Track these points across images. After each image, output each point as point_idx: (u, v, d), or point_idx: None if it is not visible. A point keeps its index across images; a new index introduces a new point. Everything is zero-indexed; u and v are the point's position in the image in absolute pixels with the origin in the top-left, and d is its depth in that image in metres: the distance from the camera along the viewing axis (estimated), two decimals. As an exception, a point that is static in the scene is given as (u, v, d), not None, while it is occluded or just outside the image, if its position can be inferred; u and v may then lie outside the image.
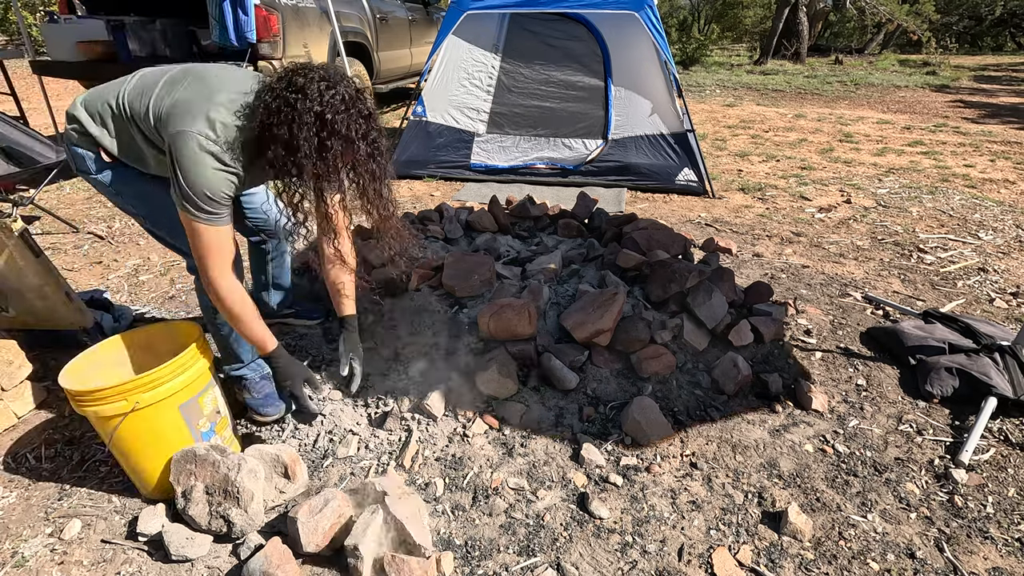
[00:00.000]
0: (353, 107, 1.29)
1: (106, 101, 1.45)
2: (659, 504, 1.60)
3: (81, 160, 1.50)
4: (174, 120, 1.32)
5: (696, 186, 4.29)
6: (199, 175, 1.30)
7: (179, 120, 1.31)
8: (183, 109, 1.32)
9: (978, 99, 8.97)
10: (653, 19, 3.80)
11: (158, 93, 1.39)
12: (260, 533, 1.47)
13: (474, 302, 2.17)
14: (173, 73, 1.44)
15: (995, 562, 1.46)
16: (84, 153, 1.48)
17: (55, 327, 2.21)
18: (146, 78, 1.47)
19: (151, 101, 1.39)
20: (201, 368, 1.53)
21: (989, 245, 3.44)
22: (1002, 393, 1.94)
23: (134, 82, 1.47)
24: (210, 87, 1.36)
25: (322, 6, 4.68)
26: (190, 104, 1.32)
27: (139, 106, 1.40)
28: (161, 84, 1.41)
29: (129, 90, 1.44)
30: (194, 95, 1.34)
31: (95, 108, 1.47)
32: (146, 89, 1.42)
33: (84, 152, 1.48)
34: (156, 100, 1.38)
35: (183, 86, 1.38)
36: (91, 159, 1.48)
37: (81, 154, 1.49)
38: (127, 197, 1.54)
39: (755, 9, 22.48)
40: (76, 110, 1.48)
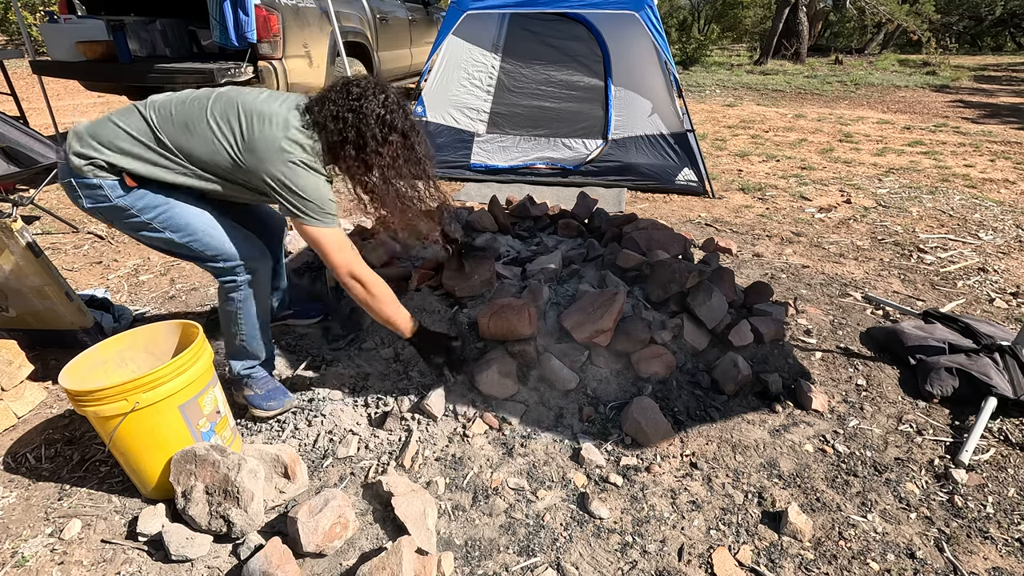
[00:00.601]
0: (400, 107, 1.53)
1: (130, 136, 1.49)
2: (659, 504, 1.60)
3: (98, 190, 1.50)
4: (268, 157, 1.47)
5: (696, 186, 4.29)
6: (317, 189, 1.50)
7: (275, 155, 1.46)
8: (271, 146, 1.46)
9: (978, 99, 8.97)
10: (653, 19, 3.80)
11: (217, 137, 1.48)
12: (260, 533, 1.47)
13: (474, 302, 2.17)
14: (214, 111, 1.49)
15: (995, 562, 1.46)
16: (104, 182, 1.50)
17: (55, 327, 2.21)
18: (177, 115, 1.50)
19: (212, 147, 1.49)
20: (201, 368, 1.53)
21: (989, 245, 3.44)
22: (1002, 393, 1.94)
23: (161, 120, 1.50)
24: (273, 119, 1.48)
25: (322, 6, 4.68)
26: (274, 139, 1.46)
27: (195, 150, 1.50)
28: (213, 127, 1.48)
29: (166, 129, 1.49)
30: (270, 130, 1.47)
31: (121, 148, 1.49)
32: (194, 131, 1.49)
33: (104, 181, 1.50)
34: (218, 145, 1.49)
35: (246, 125, 1.48)
36: (113, 186, 1.51)
37: (99, 184, 1.50)
38: (153, 215, 1.55)
39: (755, 9, 22.48)
40: (89, 148, 1.48)
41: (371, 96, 1.49)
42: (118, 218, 1.56)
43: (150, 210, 1.55)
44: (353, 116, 1.47)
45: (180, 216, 1.58)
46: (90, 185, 1.50)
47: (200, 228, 1.60)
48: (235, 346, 1.80)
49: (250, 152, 1.48)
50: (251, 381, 1.83)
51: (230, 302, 1.71)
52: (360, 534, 1.48)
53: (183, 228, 1.58)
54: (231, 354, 1.83)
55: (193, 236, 1.60)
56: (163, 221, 1.57)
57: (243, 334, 1.76)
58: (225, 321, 1.76)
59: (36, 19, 11.50)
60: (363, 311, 1.71)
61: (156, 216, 1.56)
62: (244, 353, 1.81)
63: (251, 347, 1.80)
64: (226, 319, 1.75)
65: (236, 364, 1.83)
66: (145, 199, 1.54)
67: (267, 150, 1.46)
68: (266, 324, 1.80)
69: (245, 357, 1.82)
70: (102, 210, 1.55)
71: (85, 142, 1.49)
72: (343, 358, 2.11)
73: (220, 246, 1.62)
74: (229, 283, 1.67)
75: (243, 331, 1.76)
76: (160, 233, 1.58)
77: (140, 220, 1.56)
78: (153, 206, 1.55)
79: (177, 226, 1.58)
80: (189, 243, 1.60)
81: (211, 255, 1.62)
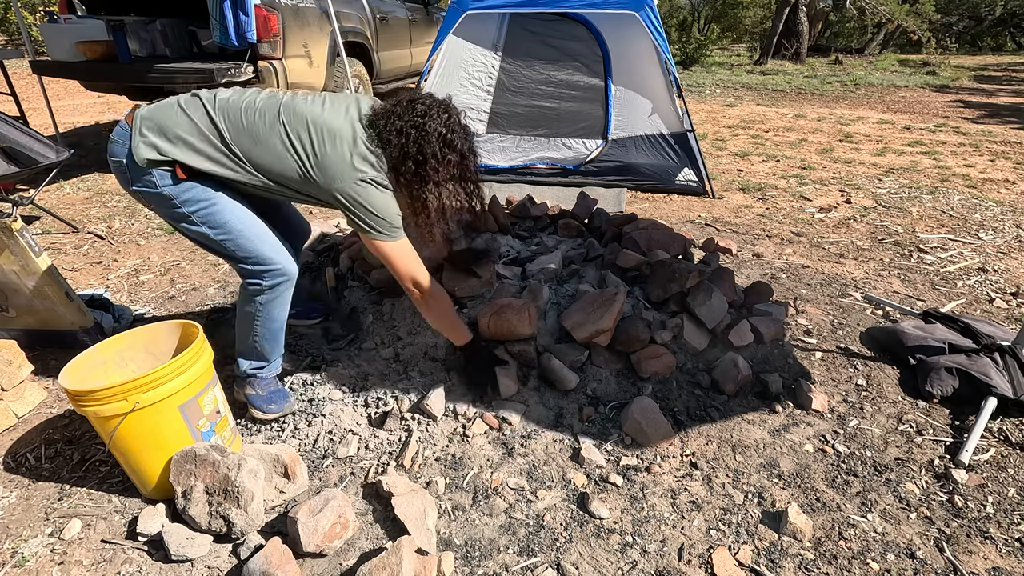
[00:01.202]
0: (461, 128, 1.58)
1: (201, 135, 1.52)
2: (659, 504, 1.60)
3: (147, 176, 1.53)
4: (338, 177, 1.51)
5: (696, 186, 4.29)
6: (387, 206, 1.55)
7: (347, 175, 1.50)
8: (342, 165, 1.50)
9: (978, 99, 8.97)
10: (653, 19, 3.79)
11: (289, 153, 1.52)
12: (260, 533, 1.47)
13: (474, 302, 2.17)
14: (285, 126, 1.52)
15: (995, 562, 1.46)
16: (159, 172, 1.53)
17: (55, 327, 2.21)
18: (247, 124, 1.53)
19: (283, 162, 1.52)
20: (201, 368, 1.53)
21: (989, 245, 3.44)
22: (1002, 393, 1.94)
23: (228, 123, 1.53)
24: (344, 136, 1.52)
25: (322, 6, 4.68)
26: (345, 159, 1.51)
27: (264, 161, 1.54)
28: (285, 142, 1.52)
29: (235, 137, 1.52)
30: (340, 149, 1.51)
31: (182, 138, 1.52)
32: (262, 143, 1.52)
33: (155, 170, 1.52)
34: (290, 160, 1.52)
35: (316, 143, 1.51)
36: (163, 175, 1.53)
37: (153, 172, 1.52)
38: (195, 208, 1.57)
39: (755, 9, 22.48)
40: (152, 135, 1.51)
41: (435, 115, 1.53)
42: (160, 205, 1.59)
43: (193, 203, 1.57)
44: (416, 132, 1.51)
45: (221, 214, 1.60)
46: (140, 170, 1.52)
47: (237, 229, 1.62)
48: (247, 345, 1.80)
49: (322, 171, 1.52)
50: (255, 381, 1.84)
51: (251, 303, 1.71)
52: (360, 534, 1.48)
53: (221, 227, 1.61)
54: (241, 352, 1.83)
55: (229, 236, 1.62)
56: (203, 216, 1.59)
57: (257, 336, 1.77)
58: (242, 321, 1.76)
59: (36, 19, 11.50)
60: (363, 311, 1.72)
61: (197, 210, 1.58)
62: (254, 353, 1.81)
63: (263, 349, 1.81)
64: (244, 319, 1.76)
65: (244, 363, 1.83)
66: (191, 192, 1.56)
67: (339, 170, 1.51)
68: (282, 329, 1.81)
69: (255, 357, 1.82)
70: (147, 195, 1.57)
71: (148, 128, 1.52)
72: (343, 358, 2.11)
73: (254, 249, 1.64)
74: (254, 286, 1.69)
75: (258, 334, 1.76)
76: (198, 227, 1.60)
77: (181, 212, 1.58)
78: (197, 200, 1.57)
79: (216, 223, 1.60)
80: (223, 241, 1.62)
81: (242, 256, 1.65)
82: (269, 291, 1.70)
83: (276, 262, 1.67)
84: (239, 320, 1.78)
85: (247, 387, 1.84)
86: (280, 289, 1.71)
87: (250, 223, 1.65)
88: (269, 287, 1.69)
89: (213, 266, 3.07)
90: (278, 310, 1.74)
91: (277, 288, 1.70)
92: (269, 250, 1.67)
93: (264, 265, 1.66)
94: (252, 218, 1.66)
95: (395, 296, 2.27)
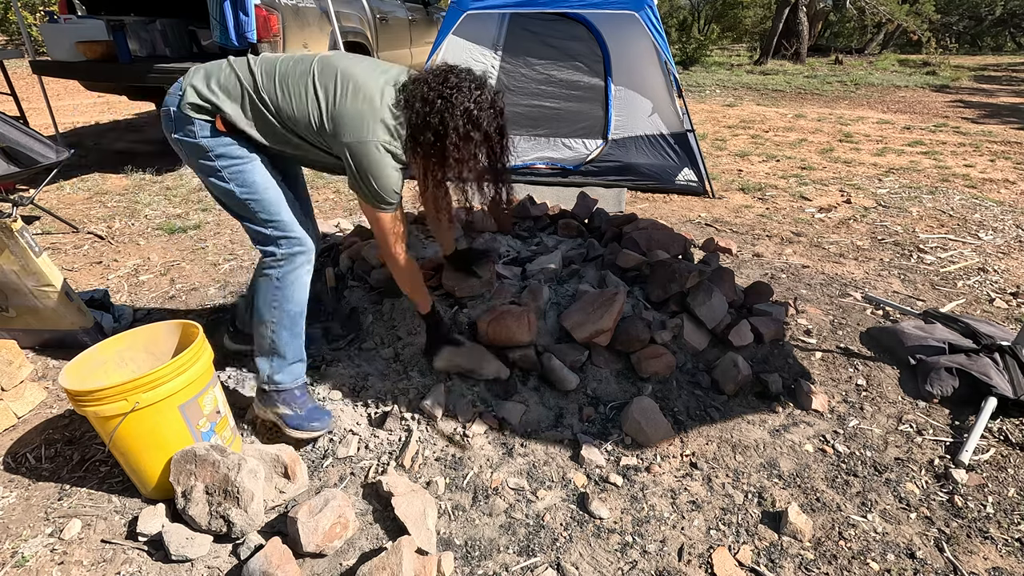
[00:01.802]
0: (492, 108, 1.51)
1: (239, 85, 1.54)
2: (659, 504, 1.60)
3: (190, 126, 1.54)
4: (350, 131, 1.48)
5: (696, 186, 4.28)
6: (387, 176, 1.51)
7: (356, 130, 1.47)
8: (357, 120, 1.47)
9: (978, 99, 8.97)
10: (653, 19, 3.79)
11: (309, 98, 1.50)
12: (260, 533, 1.47)
13: (474, 302, 2.17)
14: (315, 73, 1.52)
15: (995, 562, 1.46)
16: (197, 120, 1.53)
17: (55, 327, 2.21)
18: (280, 72, 1.54)
19: (304, 106, 1.51)
20: (201, 368, 1.53)
21: (989, 245, 3.44)
22: (1002, 393, 1.94)
23: (264, 73, 1.54)
24: (368, 93, 1.49)
25: (322, 6, 4.68)
26: (362, 115, 1.47)
27: (286, 106, 1.52)
28: (308, 87, 1.51)
29: (266, 84, 1.53)
30: (360, 104, 1.48)
31: (222, 85, 1.54)
32: (289, 88, 1.52)
33: (198, 119, 1.53)
34: (310, 106, 1.50)
35: (339, 93, 1.49)
36: (203, 126, 1.54)
37: (195, 120, 1.53)
38: (227, 163, 1.58)
39: (755, 9, 22.47)
40: (202, 83, 1.54)
41: (465, 88, 1.47)
42: (195, 155, 1.58)
43: (226, 159, 1.57)
44: (442, 103, 1.45)
45: (250, 174, 1.60)
46: (184, 119, 1.53)
47: (263, 190, 1.61)
48: (264, 339, 1.69)
49: (335, 120, 1.49)
50: (288, 397, 1.71)
51: (267, 283, 1.65)
52: (360, 534, 1.48)
53: (249, 185, 1.60)
54: (259, 349, 1.72)
55: (255, 196, 1.60)
56: (233, 173, 1.58)
57: (275, 322, 1.67)
58: (260, 310, 1.68)
59: (36, 19, 11.50)
60: (363, 311, 1.71)
61: (229, 166, 1.57)
62: (272, 349, 1.69)
63: (280, 341, 1.69)
64: (261, 299, 1.67)
65: (263, 363, 1.71)
66: (227, 148, 1.56)
67: (353, 124, 1.47)
68: (302, 317, 1.71)
69: (273, 354, 1.70)
70: (185, 144, 1.57)
71: (197, 77, 1.54)
72: (343, 358, 2.11)
73: (277, 213, 1.63)
74: (269, 255, 1.65)
75: (276, 318, 1.66)
76: (226, 184, 1.59)
77: (213, 165, 1.57)
78: (230, 156, 1.57)
79: (244, 181, 1.59)
80: (248, 201, 1.60)
81: (264, 219, 1.62)
82: (285, 262, 1.64)
83: (295, 231, 1.65)
84: (256, 312, 1.69)
85: (279, 405, 1.71)
86: (298, 261, 1.65)
87: (277, 190, 1.64)
88: (284, 257, 1.64)
89: (213, 266, 3.07)
90: (296, 291, 1.67)
91: (294, 260, 1.64)
92: (290, 218, 1.65)
93: (283, 232, 1.63)
94: (280, 187, 1.65)
95: (395, 296, 2.27)
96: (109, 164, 4.96)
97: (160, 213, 3.88)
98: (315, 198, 4.19)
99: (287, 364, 1.72)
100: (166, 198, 4.18)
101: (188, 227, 3.60)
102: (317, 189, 4.31)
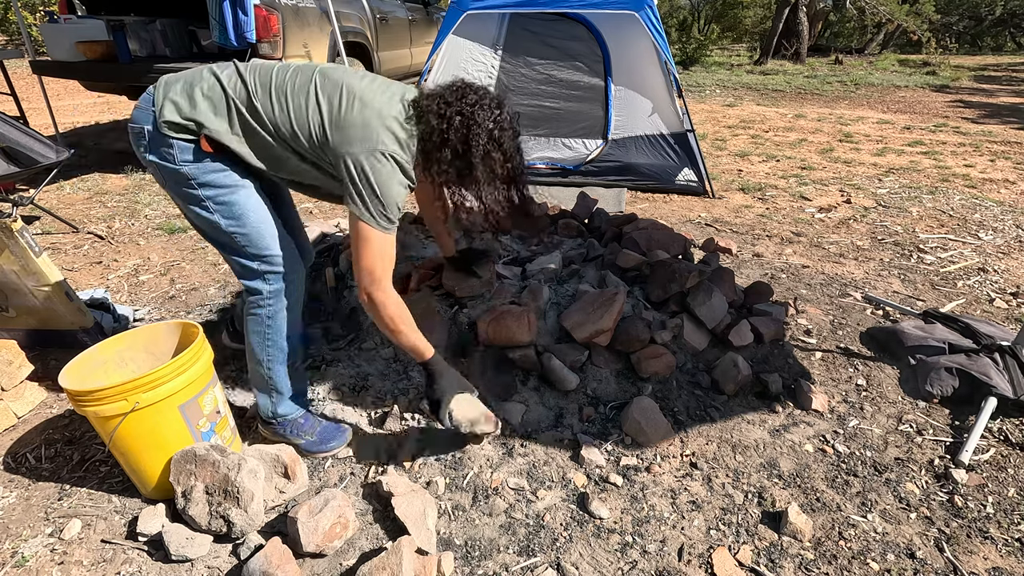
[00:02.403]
0: (511, 127, 1.45)
1: (225, 97, 1.40)
2: (659, 504, 1.60)
3: (167, 148, 1.39)
4: (357, 140, 1.36)
5: (696, 186, 4.29)
6: (392, 192, 1.38)
7: (363, 139, 1.36)
8: (364, 129, 1.36)
9: (978, 99, 8.97)
10: (653, 19, 3.79)
11: (311, 108, 1.39)
12: (260, 533, 1.47)
13: (474, 302, 2.17)
14: (317, 84, 1.41)
15: (995, 562, 1.46)
16: (179, 142, 1.39)
17: (55, 327, 2.21)
18: (276, 83, 1.41)
19: (304, 118, 1.39)
20: (201, 368, 1.53)
21: (989, 245, 3.44)
22: (1002, 393, 1.94)
23: (258, 85, 1.41)
24: (375, 104, 1.39)
25: (322, 6, 4.68)
26: (367, 124, 1.37)
27: (284, 119, 1.40)
28: (310, 97, 1.40)
29: (260, 96, 1.40)
30: (367, 113, 1.38)
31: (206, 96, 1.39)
32: (287, 99, 1.40)
33: (180, 141, 1.39)
34: (311, 116, 1.39)
35: (344, 104, 1.38)
36: (188, 149, 1.40)
37: (174, 141, 1.39)
38: (212, 193, 1.45)
39: (755, 9, 22.48)
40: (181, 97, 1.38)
41: (486, 106, 1.40)
42: (175, 183, 1.44)
43: (211, 187, 1.44)
44: (461, 121, 1.38)
45: (239, 204, 1.47)
46: (161, 138, 1.39)
47: (253, 223, 1.49)
48: (260, 376, 1.65)
49: (340, 130, 1.37)
50: (294, 428, 1.70)
51: (258, 320, 1.59)
52: (360, 534, 1.48)
53: (237, 218, 1.48)
54: (256, 385, 1.69)
55: (242, 229, 1.49)
56: (219, 204, 1.46)
57: (270, 359, 1.63)
58: (251, 342, 1.63)
59: (36, 19, 11.50)
60: (363, 311, 1.69)
61: (215, 195, 1.45)
62: (270, 385, 1.66)
63: (276, 376, 1.65)
64: (254, 339, 1.62)
65: (263, 401, 1.69)
66: (213, 174, 1.43)
67: (359, 133, 1.36)
68: (295, 351, 1.67)
69: (271, 391, 1.67)
70: (163, 169, 1.43)
71: (174, 87, 1.39)
72: (343, 358, 2.11)
73: (267, 247, 1.52)
74: (255, 292, 1.56)
75: (270, 355, 1.62)
76: (211, 215, 1.46)
77: (196, 194, 1.44)
78: (216, 184, 1.44)
79: (232, 213, 1.47)
80: (235, 234, 1.49)
81: (252, 253, 1.52)
82: (274, 299, 1.57)
83: (283, 264, 1.56)
84: (249, 345, 1.64)
85: (290, 436, 1.71)
86: (284, 294, 1.58)
87: (268, 220, 1.53)
88: (272, 294, 1.56)
89: (213, 266, 3.07)
90: (287, 324, 1.62)
91: (281, 296, 1.58)
92: (279, 251, 1.55)
93: (271, 266, 1.54)
94: (268, 215, 1.53)
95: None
96: (109, 164, 4.97)
97: (160, 213, 3.89)
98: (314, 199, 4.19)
99: (286, 397, 1.71)
100: (166, 198, 4.18)
101: (188, 227, 3.60)
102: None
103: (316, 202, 4.07)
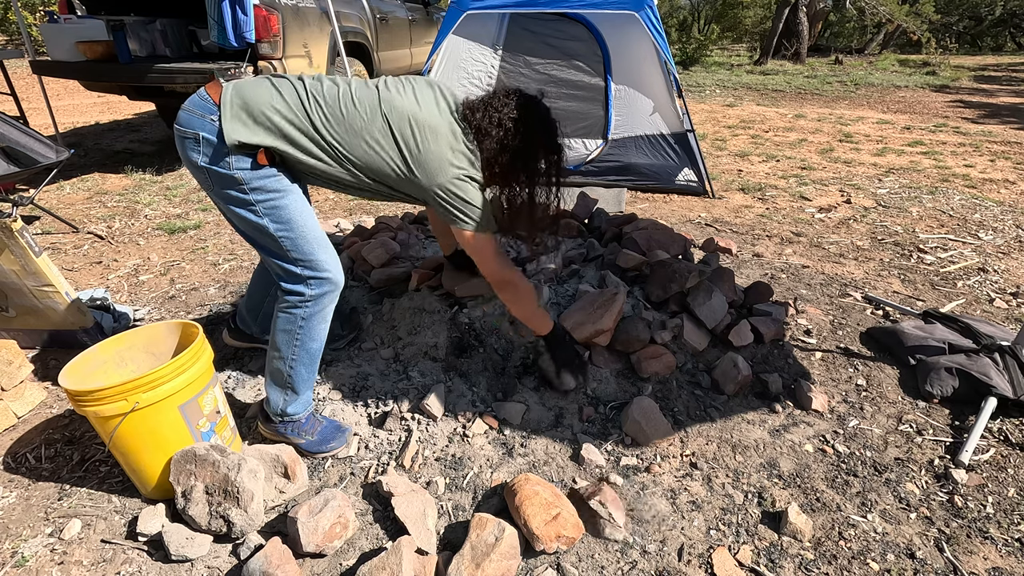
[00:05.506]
0: (558, 129, 1.61)
1: (287, 120, 1.42)
2: (659, 504, 1.60)
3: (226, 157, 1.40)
4: (440, 172, 1.49)
5: (696, 186, 4.29)
6: (482, 200, 1.54)
7: (446, 170, 1.49)
8: (441, 163, 1.48)
9: (978, 99, 8.97)
10: (653, 19, 3.79)
11: (391, 149, 1.47)
12: (260, 533, 1.47)
13: (474, 302, 2.17)
14: (391, 123, 1.46)
15: (995, 562, 1.46)
16: (239, 155, 1.41)
17: (55, 327, 2.21)
18: (347, 115, 1.45)
19: (384, 157, 1.48)
20: (201, 368, 1.53)
21: (989, 245, 3.44)
22: (1002, 393, 1.94)
23: (328, 116, 1.44)
24: (440, 132, 1.49)
25: (322, 6, 4.68)
26: (443, 154, 1.48)
27: (361, 154, 1.48)
28: (388, 138, 1.47)
29: (333, 128, 1.45)
30: (438, 146, 1.48)
31: (268, 118, 1.41)
32: (364, 137, 1.46)
33: (239, 156, 1.41)
34: (392, 157, 1.48)
35: (419, 140, 1.47)
36: (246, 160, 1.42)
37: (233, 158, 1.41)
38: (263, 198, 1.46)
39: (755, 9, 22.47)
40: (246, 121, 1.40)
41: (532, 108, 1.55)
42: (223, 187, 1.44)
43: (263, 193, 1.45)
44: (514, 125, 1.51)
45: (288, 210, 1.49)
46: (221, 149, 1.40)
47: (300, 228, 1.52)
48: (280, 372, 1.64)
49: (422, 167, 1.48)
50: (297, 428, 1.70)
51: (292, 319, 1.58)
52: (360, 534, 1.48)
53: (286, 223, 1.49)
54: (273, 380, 1.67)
55: (290, 234, 1.51)
56: (269, 209, 1.47)
57: (295, 358, 1.62)
58: (278, 339, 1.61)
59: (36, 19, 11.50)
60: (363, 311, 1.70)
61: (266, 201, 1.46)
62: (288, 383, 1.65)
63: (296, 377, 1.65)
64: (282, 340, 1.61)
65: (275, 396, 1.67)
66: (266, 180, 1.45)
67: (439, 165, 1.48)
68: (319, 353, 1.67)
69: (287, 389, 1.66)
70: (214, 174, 1.43)
71: (239, 106, 1.40)
72: (343, 358, 2.11)
73: (311, 252, 1.54)
74: (295, 295, 1.56)
75: (296, 355, 1.62)
76: (259, 219, 1.47)
77: (245, 198, 1.45)
78: (268, 190, 1.46)
79: (281, 218, 1.49)
80: (282, 239, 1.50)
81: (295, 257, 1.53)
82: (313, 302, 1.57)
83: (327, 269, 1.57)
84: (274, 343, 1.63)
85: (291, 436, 1.71)
86: (324, 301, 1.59)
87: (313, 225, 1.55)
88: (313, 297, 1.56)
89: (213, 266, 3.07)
90: (320, 326, 1.62)
91: (321, 300, 1.58)
92: (324, 255, 1.56)
93: (314, 272, 1.55)
94: (315, 220, 1.57)
95: (395, 296, 2.27)
96: (109, 164, 4.97)
97: (160, 213, 3.89)
98: (315, 198, 4.19)
99: (299, 399, 1.69)
100: (166, 198, 4.18)
101: (188, 227, 3.60)
102: (317, 189, 4.31)
103: (315, 202, 4.06)
